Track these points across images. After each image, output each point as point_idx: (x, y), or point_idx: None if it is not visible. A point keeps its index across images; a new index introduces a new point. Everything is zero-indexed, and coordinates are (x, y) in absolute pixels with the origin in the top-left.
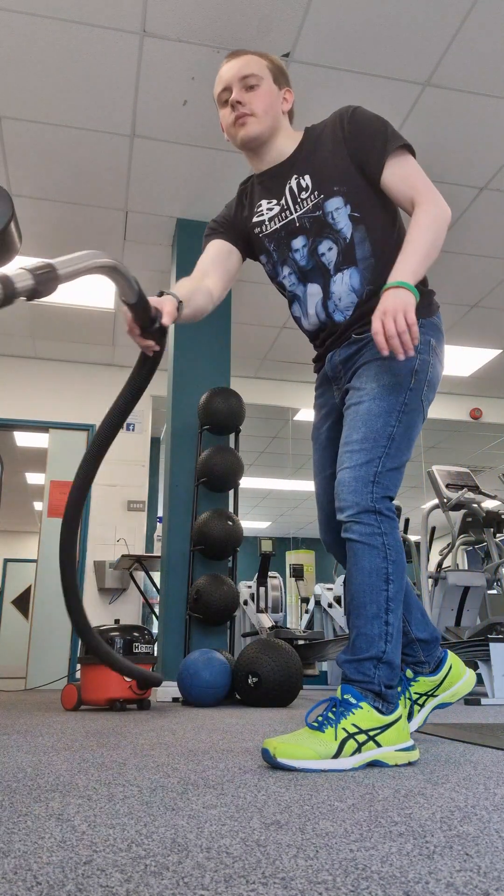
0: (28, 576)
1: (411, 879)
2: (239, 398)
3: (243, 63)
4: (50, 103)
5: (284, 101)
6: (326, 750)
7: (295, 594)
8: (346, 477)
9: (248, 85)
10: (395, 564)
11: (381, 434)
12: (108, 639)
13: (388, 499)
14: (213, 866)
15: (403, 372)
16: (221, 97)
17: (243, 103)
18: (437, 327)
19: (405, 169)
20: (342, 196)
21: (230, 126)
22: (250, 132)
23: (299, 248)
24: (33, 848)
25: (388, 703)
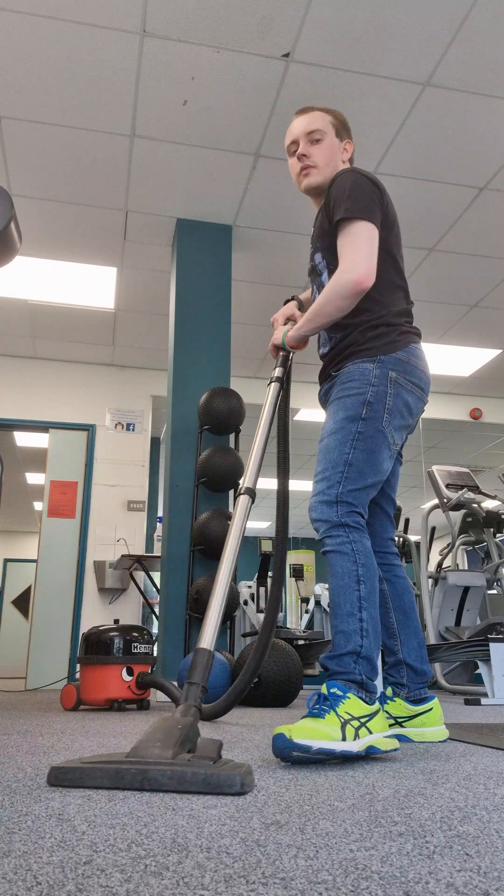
0: (28, 576)
1: (411, 879)
2: (239, 398)
3: (310, 119)
4: (50, 103)
5: (345, 152)
6: (335, 733)
7: (295, 594)
8: (314, 503)
9: (314, 139)
10: (365, 567)
11: (337, 462)
12: (108, 639)
13: (355, 513)
14: (213, 866)
15: (356, 405)
16: (290, 149)
17: (308, 156)
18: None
19: (342, 238)
20: (321, 251)
21: (296, 175)
22: (312, 182)
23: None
24: (33, 848)
25: (370, 694)
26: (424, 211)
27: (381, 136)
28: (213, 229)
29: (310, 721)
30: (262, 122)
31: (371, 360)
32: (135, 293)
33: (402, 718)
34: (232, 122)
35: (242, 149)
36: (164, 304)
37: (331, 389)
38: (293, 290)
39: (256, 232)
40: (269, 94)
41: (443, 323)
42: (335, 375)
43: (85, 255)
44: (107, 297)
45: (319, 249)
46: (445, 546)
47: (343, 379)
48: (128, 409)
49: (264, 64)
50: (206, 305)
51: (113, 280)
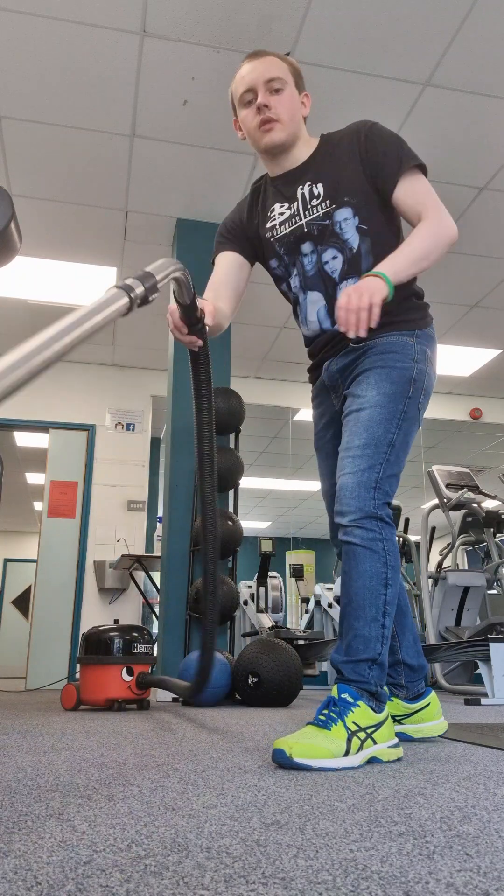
0: (28, 576)
1: (411, 879)
2: (239, 398)
3: (267, 65)
4: (50, 103)
5: (303, 106)
6: (338, 748)
7: (295, 594)
8: (349, 482)
9: (273, 88)
10: (394, 570)
11: (383, 441)
12: (108, 639)
13: (387, 505)
14: (213, 866)
15: (403, 380)
16: (244, 98)
17: (270, 107)
18: (432, 338)
19: (416, 186)
20: (352, 207)
21: (254, 129)
22: (275, 139)
23: (307, 253)
24: (33, 848)
25: (380, 703)
26: None
27: None
28: (213, 229)
29: (314, 732)
30: None
31: (409, 334)
32: None
33: (400, 716)
34: (232, 122)
35: (242, 149)
36: (164, 304)
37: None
38: None
39: None
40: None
41: (443, 323)
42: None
43: (85, 255)
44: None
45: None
46: (445, 546)
47: (381, 349)
48: (128, 409)
49: None
50: None
51: (113, 280)
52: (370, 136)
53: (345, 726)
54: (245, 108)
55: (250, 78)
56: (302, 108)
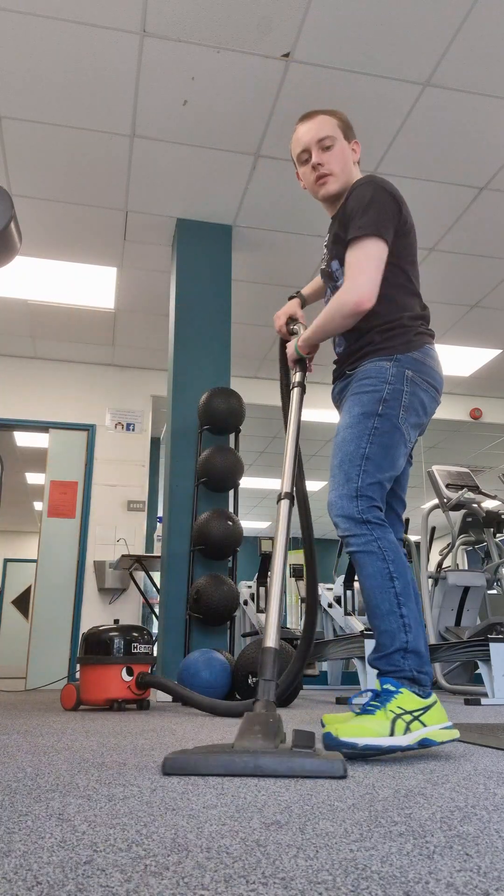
0: (28, 576)
1: (411, 879)
2: (239, 398)
3: (319, 125)
4: (50, 103)
5: (353, 153)
6: (382, 728)
7: (295, 594)
8: (332, 498)
9: (325, 146)
10: (395, 563)
11: (355, 455)
12: (108, 639)
13: (374, 508)
14: (213, 866)
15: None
16: (301, 157)
17: (323, 164)
18: (418, 361)
19: (350, 255)
20: (338, 259)
21: (312, 184)
22: (330, 190)
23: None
24: (33, 848)
25: (424, 687)
26: (424, 211)
27: (381, 136)
28: (213, 229)
29: (359, 718)
30: (262, 122)
31: (388, 359)
32: (135, 293)
33: None
34: (232, 122)
35: (242, 149)
36: (164, 304)
37: (346, 388)
38: (293, 291)
39: (256, 232)
40: (269, 94)
41: (443, 323)
42: (350, 374)
43: (85, 255)
44: (107, 297)
45: (335, 257)
46: (445, 546)
47: (359, 377)
48: (128, 409)
49: (264, 64)
50: (206, 305)
51: (113, 280)
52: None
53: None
54: (303, 165)
55: (305, 140)
56: (353, 154)
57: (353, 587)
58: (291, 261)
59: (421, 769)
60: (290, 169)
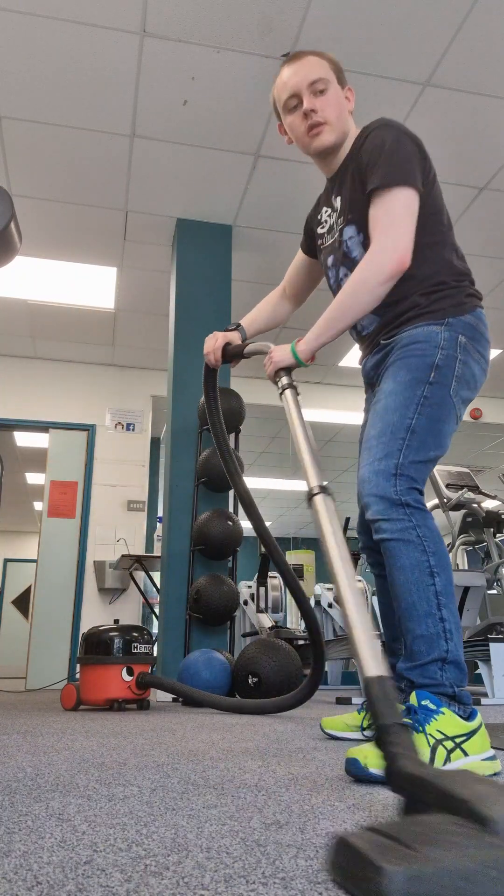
0: (28, 576)
1: None
2: (239, 398)
3: (309, 66)
4: (50, 103)
5: (348, 102)
6: None
7: None
8: (366, 473)
9: (318, 90)
10: (437, 556)
11: (399, 426)
12: (108, 639)
13: (415, 490)
14: (213, 866)
15: (422, 367)
16: (289, 104)
17: (316, 110)
18: (471, 325)
19: (377, 210)
20: (355, 224)
21: (303, 135)
22: (325, 142)
23: (330, 266)
24: (33, 848)
25: (465, 706)
26: None
27: None
28: (213, 229)
29: None
30: (262, 122)
31: (438, 323)
32: (135, 293)
33: None
34: (232, 122)
35: (242, 149)
36: (164, 304)
37: (384, 361)
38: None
39: (256, 232)
40: (269, 94)
41: None
42: (388, 343)
43: (85, 255)
44: (107, 297)
45: (352, 222)
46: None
47: (404, 342)
48: (128, 409)
49: (264, 64)
50: (206, 305)
51: (113, 280)
52: (365, 145)
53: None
54: (290, 113)
55: (293, 83)
56: (347, 103)
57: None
58: (291, 261)
59: None
60: (290, 169)
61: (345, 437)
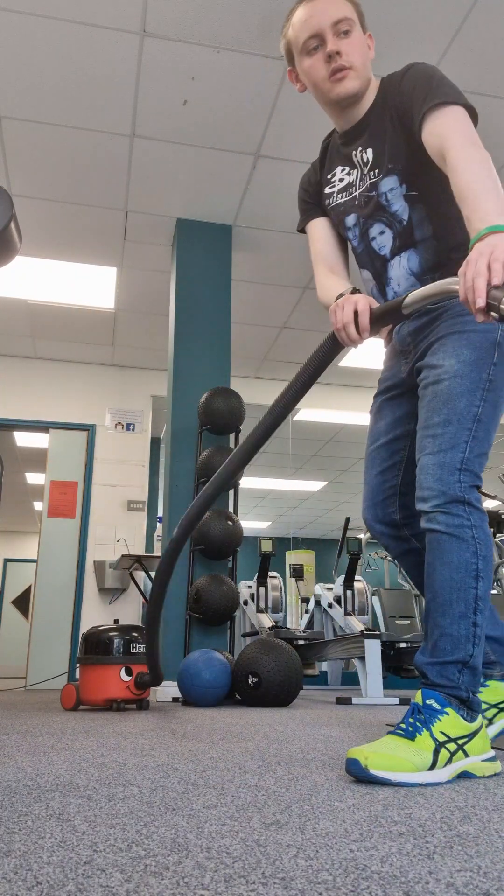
0: (28, 576)
1: (411, 879)
2: (239, 398)
3: (331, 4)
4: (50, 103)
5: (369, 48)
6: (422, 760)
7: (295, 594)
8: (430, 463)
9: (342, 31)
10: (486, 561)
11: (466, 415)
12: (107, 639)
13: (476, 488)
14: (213, 866)
15: (485, 345)
16: (308, 45)
17: (342, 53)
18: None
19: (437, 123)
20: (397, 174)
21: (323, 80)
22: (350, 88)
23: (351, 226)
24: (33, 848)
25: (473, 711)
26: None
27: None
28: (213, 229)
29: (395, 742)
30: (262, 122)
31: None
32: (135, 293)
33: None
34: (232, 122)
35: (242, 149)
36: (164, 304)
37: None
38: (293, 290)
39: (256, 232)
40: (269, 94)
41: None
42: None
43: (85, 255)
44: (107, 297)
45: (393, 172)
46: None
47: (458, 310)
48: (128, 409)
49: (264, 64)
50: (206, 305)
51: (113, 280)
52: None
53: (432, 736)
54: (308, 56)
55: (315, 22)
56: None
57: (353, 587)
58: (291, 261)
59: None
60: (290, 169)
61: (345, 437)
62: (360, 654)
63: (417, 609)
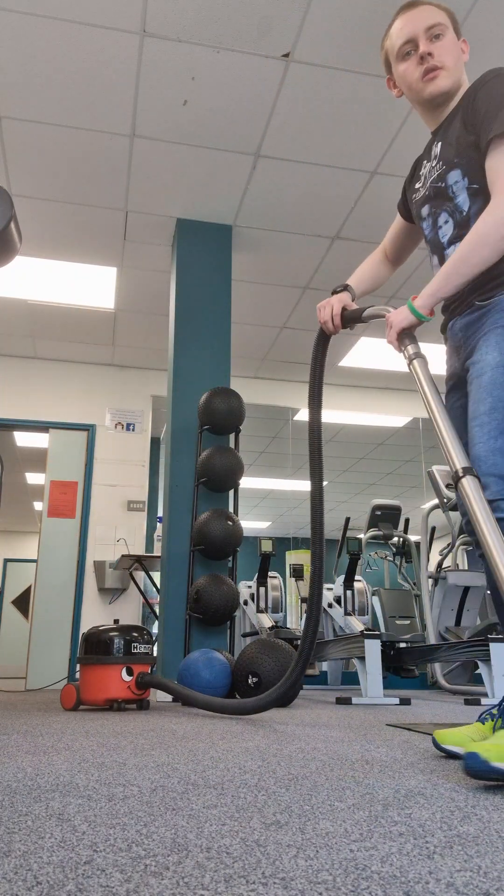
0: (28, 576)
1: (411, 879)
2: (239, 398)
3: (425, 12)
4: (50, 103)
5: (463, 54)
6: None
7: (295, 594)
8: (482, 452)
9: (434, 35)
10: None
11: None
12: (108, 639)
13: None
14: (213, 866)
15: None
16: (403, 50)
17: (434, 55)
18: None
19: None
20: (461, 169)
21: (416, 81)
22: (441, 87)
23: (426, 216)
24: (33, 848)
25: None
26: None
27: (382, 135)
28: (213, 229)
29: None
30: (262, 122)
31: None
32: (135, 293)
33: None
34: (232, 122)
35: (242, 149)
36: (164, 304)
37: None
38: (293, 290)
39: (256, 232)
40: (269, 94)
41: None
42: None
43: (85, 255)
44: (107, 297)
45: (458, 166)
46: (445, 546)
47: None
48: (128, 409)
49: (264, 64)
50: (206, 305)
51: (113, 280)
52: (479, 92)
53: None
54: (403, 61)
55: (409, 28)
56: (462, 55)
57: (353, 587)
58: (291, 261)
59: (421, 769)
60: (290, 169)
61: (345, 436)
62: (359, 654)
63: (417, 609)
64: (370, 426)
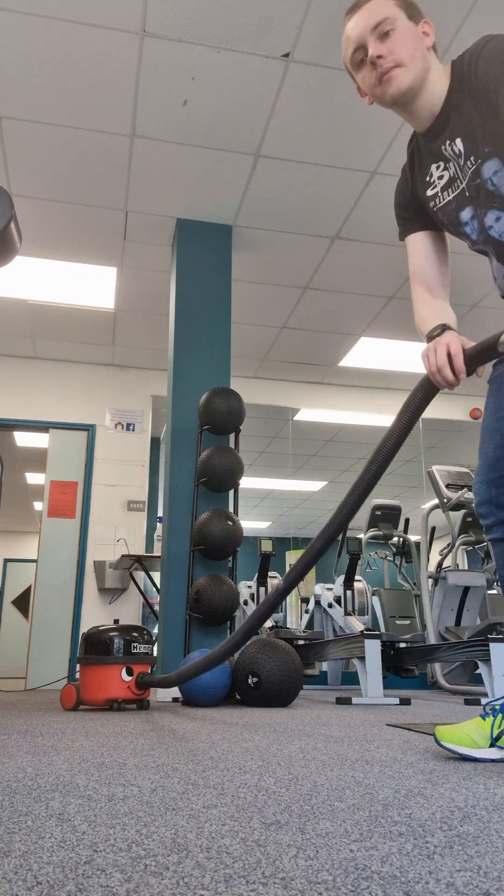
0: (28, 576)
1: (411, 879)
2: (239, 398)
3: (369, 12)
4: (50, 103)
5: (426, 36)
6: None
7: (295, 594)
8: None
9: (382, 32)
10: None
11: None
12: (108, 639)
13: None
14: (213, 866)
15: None
16: (356, 58)
17: (384, 56)
18: None
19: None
20: (497, 157)
21: (374, 87)
22: (401, 85)
23: (468, 220)
24: (33, 848)
25: None
26: None
27: (382, 135)
28: (213, 229)
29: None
30: (262, 122)
31: None
32: (135, 293)
33: None
34: (232, 122)
35: (242, 149)
36: (164, 304)
37: None
38: (293, 290)
39: (256, 232)
40: (269, 94)
41: None
42: None
43: (85, 255)
44: (107, 297)
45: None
46: (445, 546)
47: None
48: (128, 409)
49: (264, 64)
50: (206, 305)
51: (113, 280)
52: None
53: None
54: (359, 69)
55: (356, 34)
56: (425, 38)
57: (353, 587)
58: (291, 261)
59: (421, 769)
60: (290, 169)
61: (345, 436)
62: (360, 654)
63: (417, 609)
64: (370, 426)
